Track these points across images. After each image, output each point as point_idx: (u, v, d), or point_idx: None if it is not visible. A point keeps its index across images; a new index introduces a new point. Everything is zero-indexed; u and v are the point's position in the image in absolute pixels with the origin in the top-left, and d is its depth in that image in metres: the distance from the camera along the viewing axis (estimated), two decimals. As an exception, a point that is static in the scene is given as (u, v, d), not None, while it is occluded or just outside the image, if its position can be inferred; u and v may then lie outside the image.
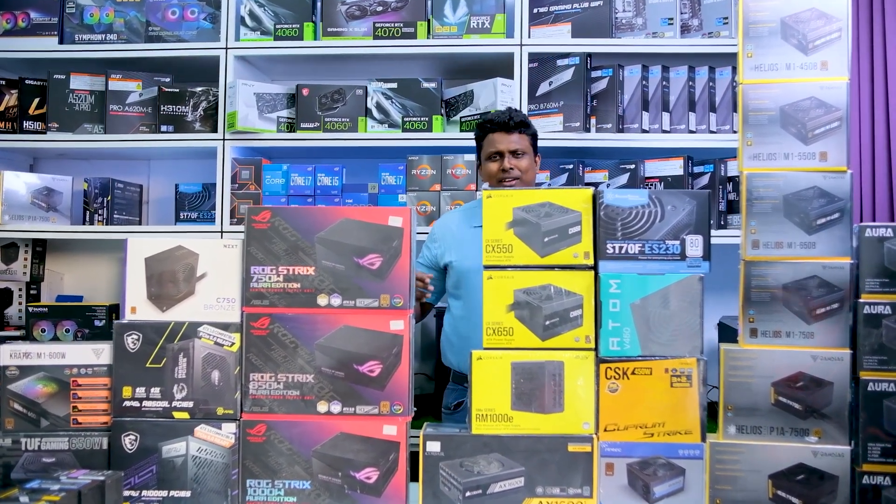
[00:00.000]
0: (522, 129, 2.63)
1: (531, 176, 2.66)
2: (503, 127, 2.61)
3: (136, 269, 1.95)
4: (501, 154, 2.62)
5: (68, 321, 3.31)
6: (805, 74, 1.90)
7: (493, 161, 2.63)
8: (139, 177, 3.68)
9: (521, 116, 2.65)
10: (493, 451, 1.88)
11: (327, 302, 1.90)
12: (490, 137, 2.64)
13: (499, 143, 2.62)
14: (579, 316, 1.90)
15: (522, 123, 2.63)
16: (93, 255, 3.69)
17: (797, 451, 1.86)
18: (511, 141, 2.61)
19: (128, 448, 1.89)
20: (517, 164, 2.61)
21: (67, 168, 3.59)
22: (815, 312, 1.88)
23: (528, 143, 2.65)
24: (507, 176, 2.60)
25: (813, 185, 1.89)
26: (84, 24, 3.35)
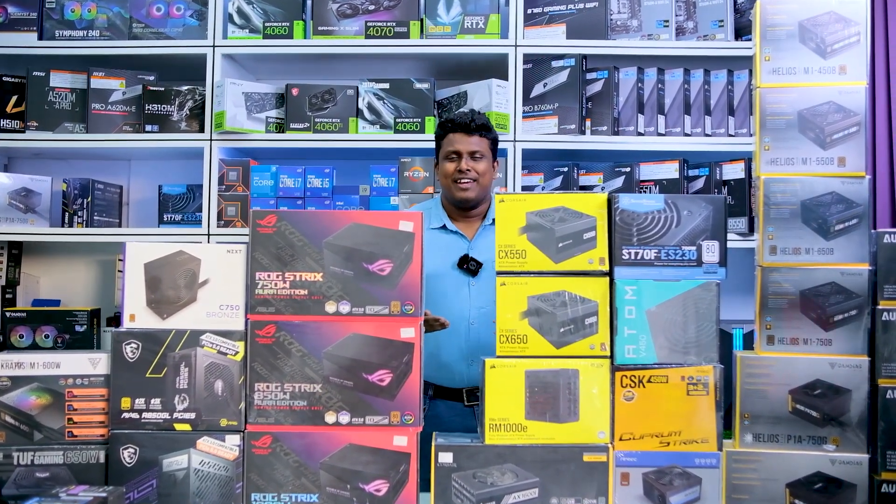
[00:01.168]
0: (483, 133, 2.59)
1: (488, 180, 2.61)
2: (464, 128, 2.57)
3: (134, 276, 1.88)
4: (459, 154, 2.57)
5: (47, 326, 3.20)
6: (823, 78, 1.89)
7: (450, 161, 2.59)
8: (119, 178, 3.56)
9: (483, 119, 2.61)
10: (506, 461, 1.84)
11: (335, 309, 1.85)
12: (450, 137, 2.60)
13: (458, 143, 2.57)
14: (594, 323, 1.87)
15: (484, 127, 2.59)
16: (70, 258, 3.59)
17: (815, 460, 1.85)
18: (470, 143, 2.57)
19: (126, 462, 1.82)
20: (474, 167, 2.56)
21: (44, 168, 3.48)
22: (833, 319, 1.87)
23: (487, 146, 2.60)
24: (464, 177, 2.56)
25: (831, 190, 1.88)
26: (65, 20, 3.24)
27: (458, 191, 2.57)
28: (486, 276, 2.53)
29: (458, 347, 2.53)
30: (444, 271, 2.53)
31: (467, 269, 2.53)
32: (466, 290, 2.54)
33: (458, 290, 2.54)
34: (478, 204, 2.62)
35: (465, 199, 2.57)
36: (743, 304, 3.33)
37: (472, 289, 2.53)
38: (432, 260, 2.45)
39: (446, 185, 2.61)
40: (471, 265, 2.53)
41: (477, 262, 2.53)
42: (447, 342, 2.51)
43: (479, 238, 2.61)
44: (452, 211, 2.65)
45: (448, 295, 2.50)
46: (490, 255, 2.50)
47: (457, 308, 2.50)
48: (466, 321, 2.51)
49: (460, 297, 2.53)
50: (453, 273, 2.54)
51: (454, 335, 2.50)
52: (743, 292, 3.30)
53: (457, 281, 2.55)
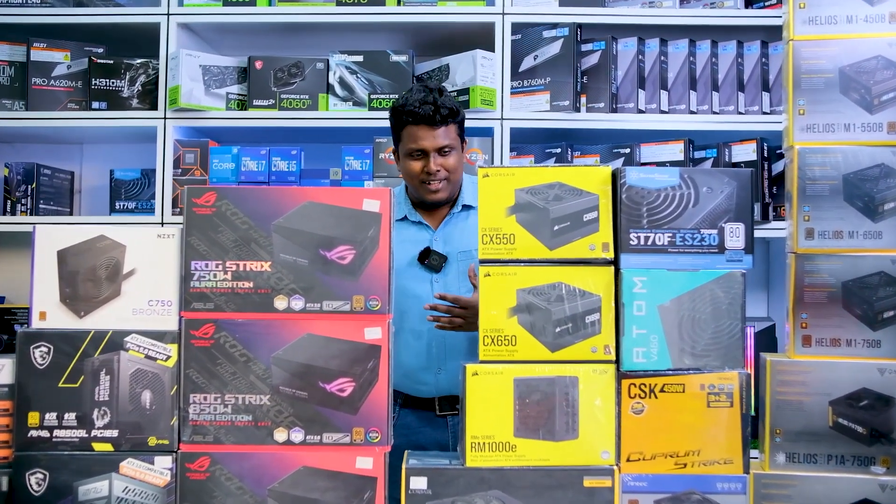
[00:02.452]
0: (450, 120, 2.24)
1: (459, 173, 2.30)
2: (428, 121, 2.21)
3: (46, 266, 1.64)
4: (425, 152, 2.23)
5: (-16, 326, 2.95)
6: (870, 28, 1.69)
7: (414, 159, 2.24)
8: (71, 163, 3.34)
9: (449, 103, 2.23)
10: (491, 487, 1.61)
11: (287, 305, 1.61)
12: (411, 131, 2.23)
13: (422, 139, 2.22)
14: (597, 321, 1.64)
15: (450, 113, 2.22)
16: (16, 251, 3.33)
17: (861, 485, 1.65)
18: (437, 137, 2.21)
19: (34, 489, 1.59)
20: (444, 164, 2.23)
21: (-18, 152, 3.22)
22: (882, 316, 1.67)
23: (455, 133, 2.26)
24: (433, 178, 2.23)
25: (879, 161, 1.68)
26: (2, -14, 2.97)
27: (429, 193, 2.24)
28: (451, 270, 2.25)
29: (423, 354, 2.24)
30: (403, 267, 2.22)
31: (428, 264, 2.24)
32: (429, 288, 2.23)
33: (420, 289, 2.23)
34: (451, 201, 2.32)
35: (436, 200, 2.26)
36: (756, 299, 3.15)
37: (436, 286, 2.22)
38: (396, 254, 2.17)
39: (413, 185, 2.29)
40: (433, 259, 2.23)
41: (440, 256, 2.23)
42: (410, 349, 2.23)
43: (444, 227, 2.30)
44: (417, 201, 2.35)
45: (408, 295, 2.19)
46: (458, 246, 2.25)
47: (418, 310, 2.17)
48: (429, 324, 2.18)
49: (422, 297, 2.20)
50: (413, 269, 2.24)
51: (417, 341, 2.23)
52: (753, 285, 3.09)
53: (418, 278, 2.24)
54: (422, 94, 2.24)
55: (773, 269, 3.19)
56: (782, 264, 3.08)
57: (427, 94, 2.23)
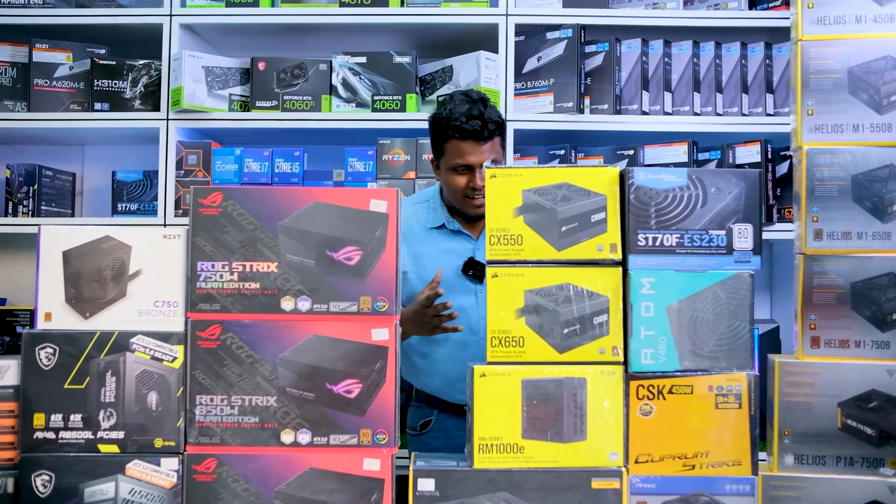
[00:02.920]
0: (497, 134, 2.20)
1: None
2: (474, 136, 2.16)
3: (51, 266, 1.62)
4: (471, 167, 2.19)
5: (-14, 328, 2.94)
6: (879, 29, 1.68)
7: (459, 174, 2.20)
8: (72, 164, 3.33)
9: (496, 116, 2.20)
10: (499, 489, 1.60)
11: (293, 306, 1.60)
12: (456, 146, 2.19)
13: (468, 154, 2.17)
14: (605, 322, 1.63)
15: (498, 126, 2.19)
16: (17, 253, 3.34)
17: (870, 487, 1.63)
18: (483, 152, 2.17)
19: (40, 491, 1.57)
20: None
21: (-16, 153, 3.22)
22: (891, 317, 1.66)
23: (499, 145, 2.23)
24: (478, 194, 2.18)
25: (888, 162, 1.66)
26: (4, -13, 2.96)
27: (472, 208, 2.20)
28: None
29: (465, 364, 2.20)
30: (448, 279, 2.16)
31: (473, 275, 2.20)
32: (473, 300, 2.20)
33: (464, 300, 2.18)
34: None
35: (480, 214, 2.18)
36: (759, 301, 3.14)
37: (480, 297, 2.18)
38: (433, 266, 2.14)
39: (455, 198, 2.23)
40: (477, 270, 2.19)
41: (483, 266, 2.13)
42: (454, 359, 2.18)
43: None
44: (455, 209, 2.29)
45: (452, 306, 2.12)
46: None
47: (464, 321, 2.14)
48: (476, 335, 2.17)
49: (466, 309, 2.17)
50: (458, 280, 2.20)
51: (461, 352, 2.18)
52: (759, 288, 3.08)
53: (462, 289, 2.20)
54: (466, 107, 2.17)
55: (777, 270, 3.18)
56: (786, 266, 3.09)
57: (472, 107, 2.17)
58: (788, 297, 2.23)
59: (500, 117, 2.23)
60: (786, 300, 3.07)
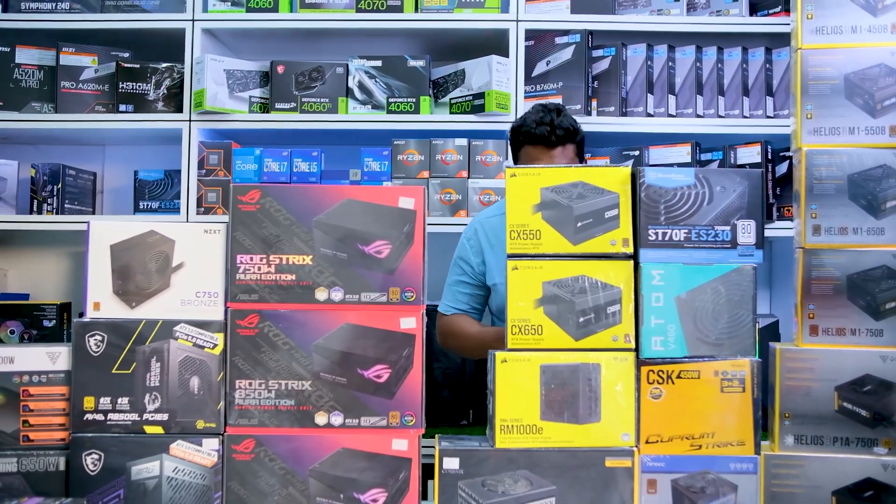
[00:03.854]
0: (567, 141, 2.24)
1: None
2: (544, 141, 2.23)
3: (99, 259, 1.68)
4: None
5: (13, 321, 3.03)
6: (873, 38, 1.74)
7: None
8: (93, 164, 3.40)
9: (568, 123, 2.24)
10: (519, 467, 1.66)
11: (327, 296, 1.66)
12: (528, 151, 2.26)
13: (538, 160, 2.24)
14: (617, 312, 1.69)
15: (568, 134, 2.23)
16: (40, 249, 3.41)
17: (864, 465, 1.69)
18: (553, 157, 2.23)
19: (90, 469, 1.63)
20: None
21: (10, 153, 3.26)
22: (885, 307, 1.71)
23: (573, 153, 2.26)
24: None
25: (882, 163, 1.72)
26: (32, -8, 3.03)
27: None
28: None
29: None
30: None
31: None
32: None
33: None
34: None
35: None
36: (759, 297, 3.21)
37: None
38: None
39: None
40: None
41: None
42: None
43: None
44: None
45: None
46: None
47: None
48: None
49: None
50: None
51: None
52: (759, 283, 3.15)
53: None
54: (539, 115, 2.25)
55: (777, 267, 3.26)
56: (786, 263, 3.17)
57: (544, 115, 2.23)
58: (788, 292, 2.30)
59: (574, 125, 2.26)
60: (785, 296, 3.15)
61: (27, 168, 3.16)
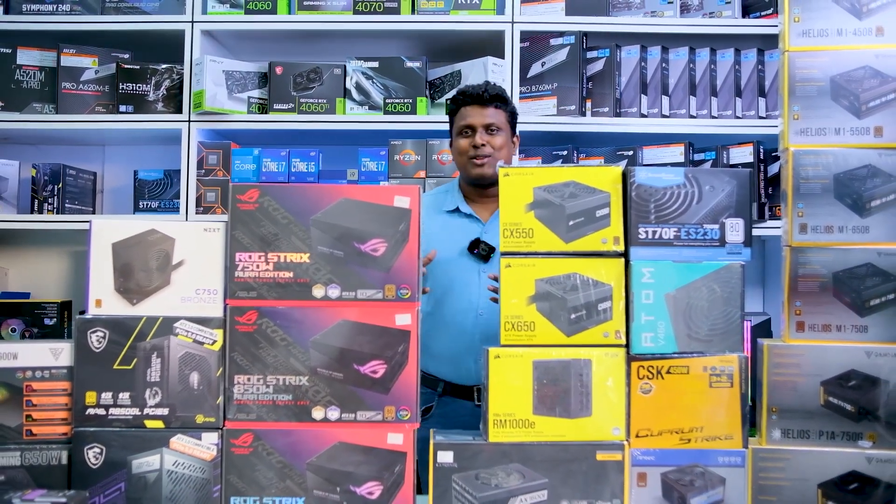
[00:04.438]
0: (499, 104, 2.39)
1: (506, 155, 2.41)
2: (477, 100, 2.37)
3: (101, 257, 1.72)
4: (473, 129, 2.37)
5: (14, 319, 3.06)
6: (858, 41, 1.77)
7: (464, 136, 2.39)
8: (93, 164, 3.42)
9: (498, 90, 2.40)
10: (512, 461, 1.70)
11: (324, 293, 1.69)
12: (462, 111, 2.40)
13: (471, 116, 2.37)
14: (608, 308, 1.73)
15: (499, 97, 2.39)
16: (41, 249, 3.44)
17: (849, 458, 1.72)
18: (485, 115, 2.37)
19: (92, 463, 1.66)
20: (490, 141, 2.36)
21: (11, 153, 3.29)
22: (869, 304, 1.74)
23: (504, 119, 2.41)
24: (479, 153, 2.35)
25: (866, 163, 1.75)
26: (33, -6, 3.06)
27: (474, 167, 2.36)
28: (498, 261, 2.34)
29: (465, 340, 2.33)
30: (452, 257, 2.32)
31: (478, 253, 2.33)
32: (476, 278, 2.33)
33: (468, 277, 2.33)
34: (496, 181, 2.42)
35: (480, 175, 2.36)
36: (752, 295, 3.26)
37: (483, 276, 2.32)
38: (442, 245, 2.28)
39: (461, 164, 2.41)
40: (482, 250, 2.32)
41: (489, 247, 2.32)
42: (453, 334, 2.32)
43: (494, 220, 2.38)
44: (470, 192, 2.44)
45: (457, 283, 2.30)
46: None
47: (465, 297, 2.31)
48: (475, 311, 2.31)
49: (469, 286, 2.32)
50: (462, 259, 2.34)
51: (461, 327, 2.32)
52: (752, 282, 3.20)
53: (466, 267, 2.34)
54: (478, 82, 2.45)
55: (769, 265, 3.29)
56: (778, 261, 3.20)
57: (482, 83, 2.41)
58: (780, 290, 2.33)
59: (506, 95, 2.42)
60: (777, 293, 3.17)
61: (28, 168, 3.19)
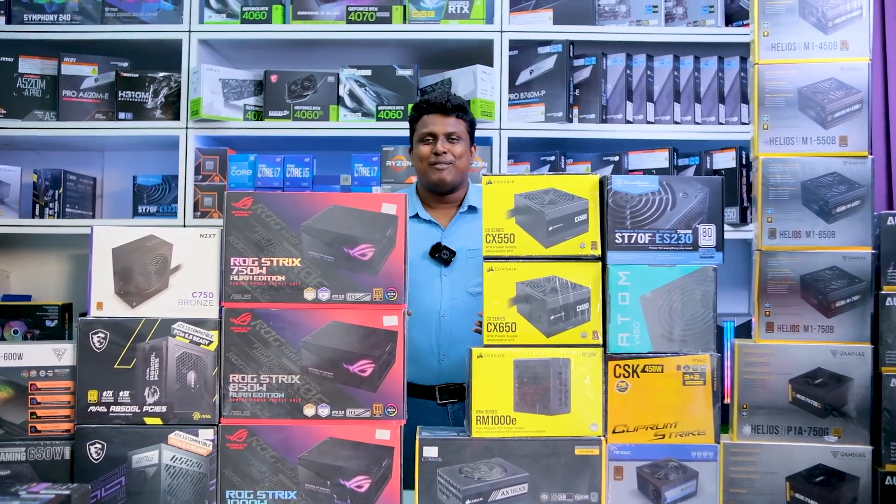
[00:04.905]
0: (460, 114, 2.49)
1: (465, 163, 2.51)
2: (440, 109, 2.47)
3: (102, 262, 1.80)
4: (435, 136, 2.47)
5: (16, 321, 3.12)
6: (824, 54, 1.85)
7: (425, 143, 2.48)
8: (93, 169, 3.48)
9: (459, 100, 2.51)
10: (494, 455, 1.78)
11: (315, 296, 1.77)
12: (424, 119, 2.50)
13: (433, 125, 2.47)
14: (586, 310, 1.81)
15: (460, 107, 2.49)
16: (42, 252, 3.50)
17: (816, 452, 1.80)
18: (446, 124, 2.47)
19: (93, 458, 1.74)
20: (451, 149, 2.46)
21: (13, 159, 3.35)
22: (835, 305, 1.82)
23: (464, 129, 2.51)
24: (440, 160, 2.45)
25: (832, 170, 1.83)
26: (34, 4, 3.13)
27: (434, 173, 2.46)
28: (460, 266, 2.44)
29: (428, 342, 2.43)
30: (414, 261, 2.40)
31: (439, 258, 2.43)
32: (438, 281, 2.44)
33: (430, 280, 2.43)
34: (454, 189, 2.51)
35: (441, 180, 2.46)
36: (735, 296, 3.33)
37: (445, 279, 2.43)
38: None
39: (421, 170, 2.50)
40: (443, 254, 2.42)
41: (450, 251, 2.42)
42: (417, 336, 2.40)
43: (453, 226, 2.50)
44: (428, 198, 2.55)
45: (419, 286, 2.38)
46: (465, 243, 2.44)
47: (427, 300, 2.41)
48: (437, 314, 2.42)
49: (432, 289, 2.43)
50: (424, 263, 2.43)
51: (424, 328, 2.41)
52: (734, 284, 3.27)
53: (428, 272, 2.44)
54: (439, 92, 2.56)
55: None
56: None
57: (443, 93, 2.52)
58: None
59: (466, 105, 2.53)
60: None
61: (29, 173, 3.25)
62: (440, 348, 2.42)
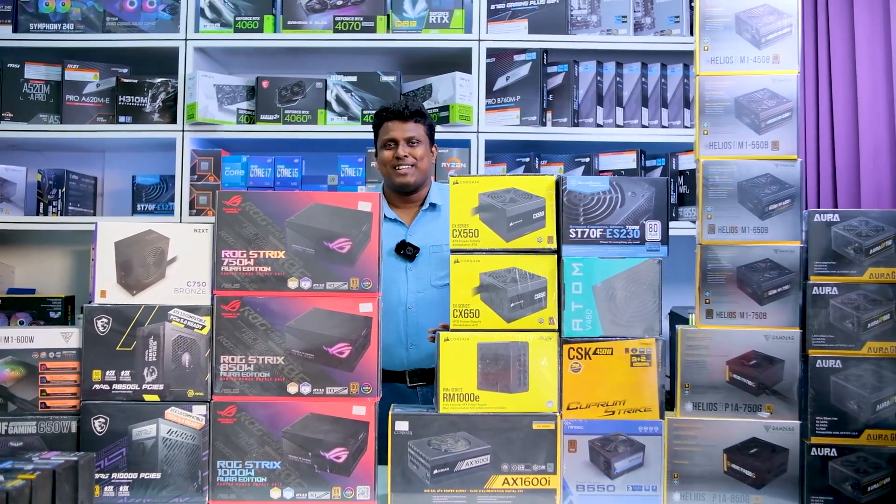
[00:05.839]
0: (418, 119, 2.64)
1: (426, 164, 2.66)
2: (399, 115, 2.62)
3: (105, 254, 1.95)
4: (396, 142, 2.62)
5: (22, 313, 3.27)
6: (758, 67, 1.99)
7: (387, 148, 2.63)
8: (94, 169, 3.63)
9: (418, 106, 2.66)
10: (460, 429, 1.93)
11: (297, 285, 1.92)
12: (386, 126, 2.64)
13: (394, 130, 2.62)
14: (543, 298, 1.96)
15: (418, 113, 2.64)
16: (45, 248, 3.64)
17: (750, 426, 1.94)
18: (406, 129, 2.61)
19: (97, 431, 1.89)
20: (412, 152, 2.61)
21: (18, 159, 3.51)
22: (767, 294, 1.96)
23: (423, 132, 2.66)
24: (402, 164, 2.60)
25: (765, 172, 1.97)
26: (39, 14, 3.30)
27: (398, 176, 2.61)
28: (424, 261, 2.60)
29: (396, 332, 2.58)
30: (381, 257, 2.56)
31: (404, 254, 2.59)
32: (404, 276, 2.60)
33: (396, 275, 2.59)
34: (417, 188, 2.67)
35: (405, 183, 2.62)
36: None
37: (410, 274, 2.59)
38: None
39: (386, 173, 2.65)
40: (408, 251, 2.58)
41: (414, 248, 2.58)
42: (386, 327, 2.52)
43: (417, 224, 2.66)
44: (393, 198, 2.69)
45: (386, 281, 2.51)
46: (428, 240, 2.59)
47: (394, 293, 2.57)
48: (404, 306, 2.58)
49: (398, 283, 2.58)
50: (391, 259, 2.59)
51: (392, 320, 2.57)
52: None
53: (394, 267, 2.60)
54: (399, 100, 2.69)
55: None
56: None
57: (402, 100, 2.65)
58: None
59: (425, 111, 2.68)
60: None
61: (34, 173, 3.41)
62: (408, 338, 2.58)
